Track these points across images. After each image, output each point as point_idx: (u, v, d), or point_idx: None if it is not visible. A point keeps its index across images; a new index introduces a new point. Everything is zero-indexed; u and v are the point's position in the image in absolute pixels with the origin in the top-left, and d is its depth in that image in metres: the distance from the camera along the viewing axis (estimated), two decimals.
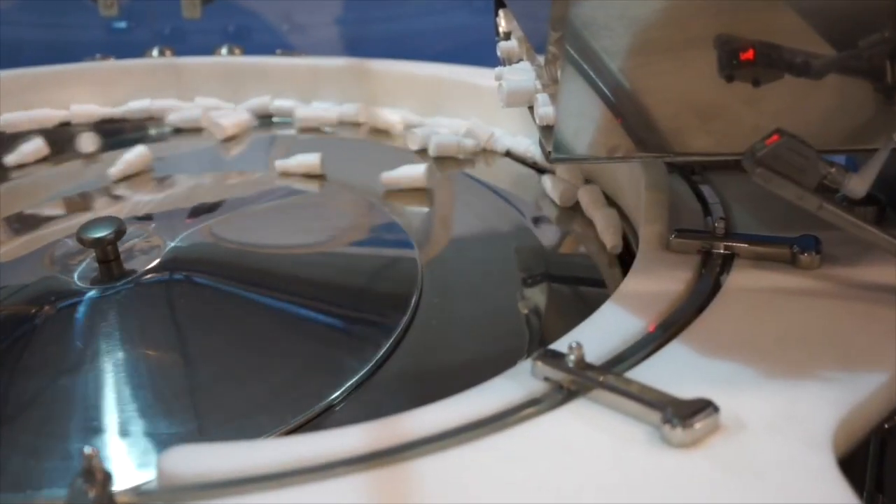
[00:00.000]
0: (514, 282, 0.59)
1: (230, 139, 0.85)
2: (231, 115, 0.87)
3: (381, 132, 0.86)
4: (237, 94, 0.93)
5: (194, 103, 0.92)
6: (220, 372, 0.50)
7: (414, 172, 0.71)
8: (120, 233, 0.56)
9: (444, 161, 0.77)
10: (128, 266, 0.57)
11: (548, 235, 0.64)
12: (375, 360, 0.50)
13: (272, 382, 0.49)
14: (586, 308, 0.52)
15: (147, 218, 0.68)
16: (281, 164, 0.75)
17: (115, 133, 0.89)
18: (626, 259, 0.58)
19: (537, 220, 0.66)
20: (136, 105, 0.92)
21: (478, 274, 0.61)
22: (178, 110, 0.90)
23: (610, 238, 0.59)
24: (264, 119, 0.91)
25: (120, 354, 0.51)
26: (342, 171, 0.77)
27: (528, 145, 0.75)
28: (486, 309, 0.56)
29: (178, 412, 0.47)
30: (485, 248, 0.64)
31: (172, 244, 0.59)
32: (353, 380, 0.49)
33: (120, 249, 0.57)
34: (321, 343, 0.53)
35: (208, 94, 0.93)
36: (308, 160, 0.75)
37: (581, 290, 0.59)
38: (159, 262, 0.57)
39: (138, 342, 0.52)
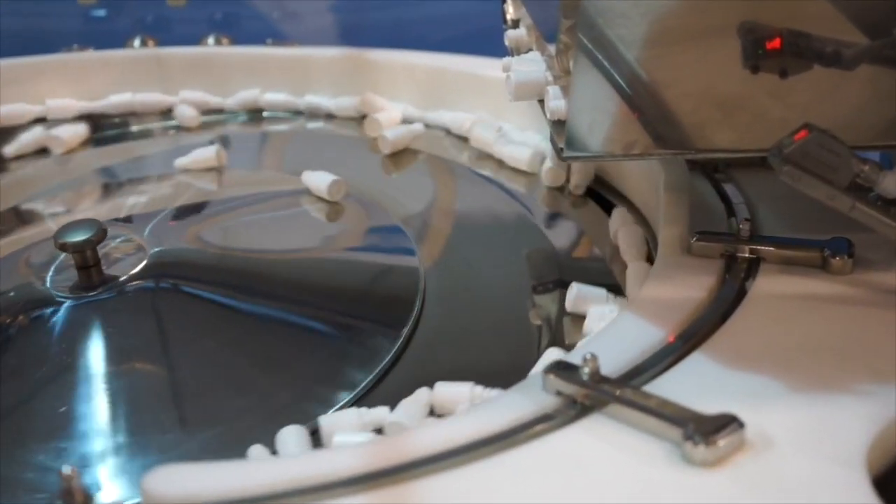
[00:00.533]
0: (524, 288, 0.59)
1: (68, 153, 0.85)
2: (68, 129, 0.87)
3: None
4: (224, 87, 0.93)
5: (179, 96, 0.92)
6: (208, 386, 0.50)
7: (205, 154, 0.77)
8: (100, 236, 0.56)
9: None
10: (108, 272, 0.57)
11: (559, 236, 0.64)
12: (375, 373, 0.51)
13: (265, 398, 0.49)
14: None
15: (128, 220, 0.68)
16: (180, 161, 0.78)
17: (95, 129, 0.90)
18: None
19: (547, 218, 0.66)
20: (116, 99, 0.92)
21: (484, 279, 0.61)
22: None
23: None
24: (254, 114, 0.91)
25: (101, 369, 0.51)
26: (339, 170, 0.78)
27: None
28: (493, 317, 0.56)
29: (165, 430, 0.48)
30: (491, 250, 0.64)
31: (156, 248, 0.59)
32: (352, 395, 0.49)
33: (100, 254, 0.57)
34: (317, 356, 0.53)
35: (194, 87, 0.93)
36: (205, 154, 0.78)
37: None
38: (143, 268, 0.57)
39: (121, 355, 0.52)
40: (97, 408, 0.49)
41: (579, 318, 0.54)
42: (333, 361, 0.53)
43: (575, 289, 0.54)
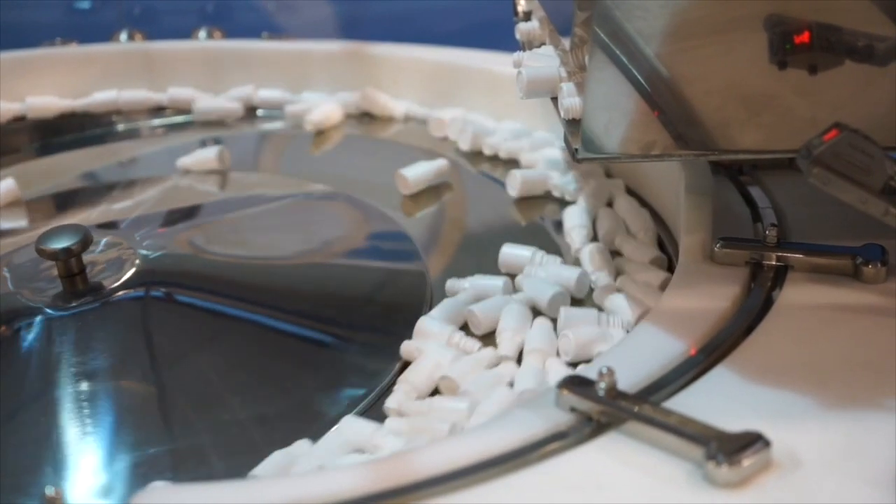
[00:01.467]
0: None
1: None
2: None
3: (382, 123, 0.86)
4: (217, 84, 0.93)
5: (167, 94, 0.93)
6: (202, 404, 0.50)
7: (206, 155, 0.78)
8: (85, 243, 0.56)
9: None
10: (94, 281, 0.57)
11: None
12: (379, 388, 0.51)
13: (261, 414, 0.50)
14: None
15: (114, 225, 0.69)
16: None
17: (77, 129, 0.90)
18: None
19: (558, 223, 0.66)
20: (101, 97, 0.92)
21: None
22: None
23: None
24: (248, 111, 0.91)
25: (86, 384, 0.52)
26: (338, 171, 0.78)
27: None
28: None
29: (155, 448, 0.48)
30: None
31: (145, 255, 0.59)
32: (354, 411, 0.49)
33: (85, 262, 0.57)
34: (318, 370, 0.53)
35: (184, 84, 0.94)
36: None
37: None
38: (131, 277, 0.58)
39: (108, 371, 0.53)
40: (82, 425, 0.50)
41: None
42: (335, 375, 0.53)
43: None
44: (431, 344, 0.52)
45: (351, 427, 0.46)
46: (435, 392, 0.50)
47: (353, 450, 0.46)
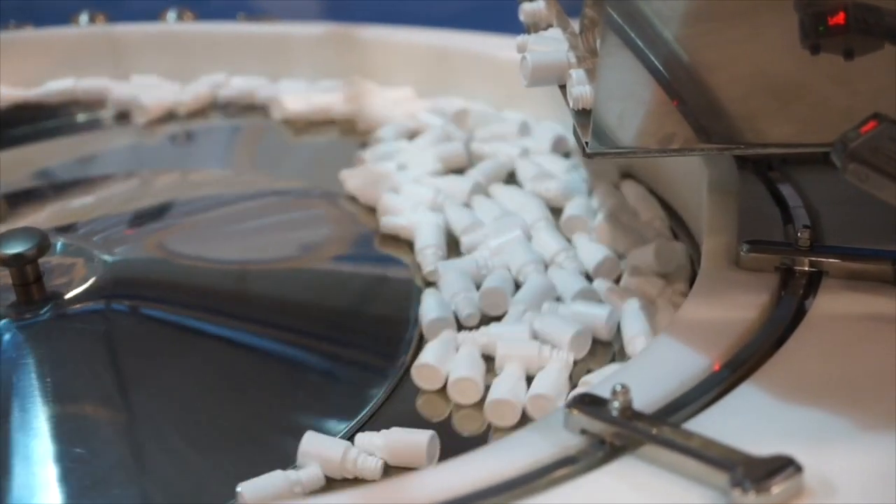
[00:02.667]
0: None
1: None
2: None
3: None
4: (186, 71, 0.93)
5: (131, 83, 0.93)
6: (172, 429, 0.50)
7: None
8: (42, 248, 0.56)
9: None
10: (52, 289, 0.57)
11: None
12: (367, 409, 0.51)
13: (238, 438, 0.50)
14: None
15: (74, 228, 0.69)
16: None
17: (30, 121, 0.90)
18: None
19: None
20: (55, 86, 0.92)
21: None
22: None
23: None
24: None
25: (41, 408, 0.51)
26: (319, 166, 0.78)
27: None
28: None
29: (118, 481, 0.48)
30: None
31: (108, 261, 0.59)
32: (342, 433, 0.49)
33: (42, 269, 0.57)
34: (300, 390, 0.53)
35: (150, 71, 0.94)
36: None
37: None
38: (93, 285, 0.58)
39: (66, 391, 0.52)
40: (36, 456, 0.49)
41: (607, 343, 0.54)
42: (319, 395, 0.53)
43: None
44: None
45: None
46: None
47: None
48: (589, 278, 0.59)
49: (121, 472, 0.49)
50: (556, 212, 0.67)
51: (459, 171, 0.73)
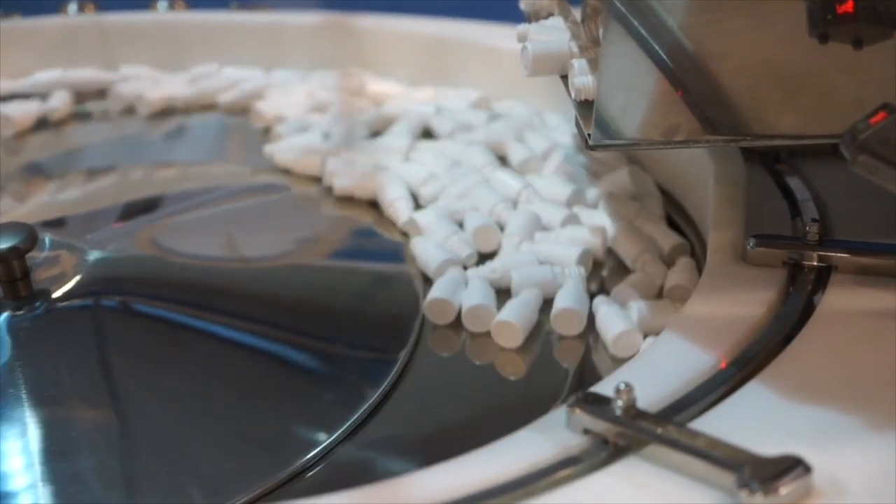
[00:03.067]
0: (547, 303, 0.60)
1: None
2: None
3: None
4: (179, 61, 0.93)
5: (119, 73, 0.93)
6: (163, 430, 0.50)
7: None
8: (30, 242, 0.56)
9: None
10: (39, 286, 0.57)
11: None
12: (364, 408, 0.51)
13: (232, 439, 0.50)
14: None
15: (62, 222, 0.69)
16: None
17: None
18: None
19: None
20: (44, 77, 0.92)
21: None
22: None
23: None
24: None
25: (28, 409, 0.51)
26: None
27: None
28: None
29: (109, 482, 0.48)
30: None
31: (98, 256, 0.59)
32: (336, 434, 0.49)
33: (29, 264, 0.57)
34: (294, 390, 0.53)
35: (140, 62, 0.94)
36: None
37: None
38: (80, 281, 0.58)
39: (54, 391, 0.52)
40: (23, 458, 0.49)
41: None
42: (314, 396, 0.53)
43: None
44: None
45: None
46: None
47: None
48: None
49: (108, 471, 0.48)
50: None
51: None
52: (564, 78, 0.51)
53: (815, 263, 0.49)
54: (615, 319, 0.55)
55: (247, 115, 0.87)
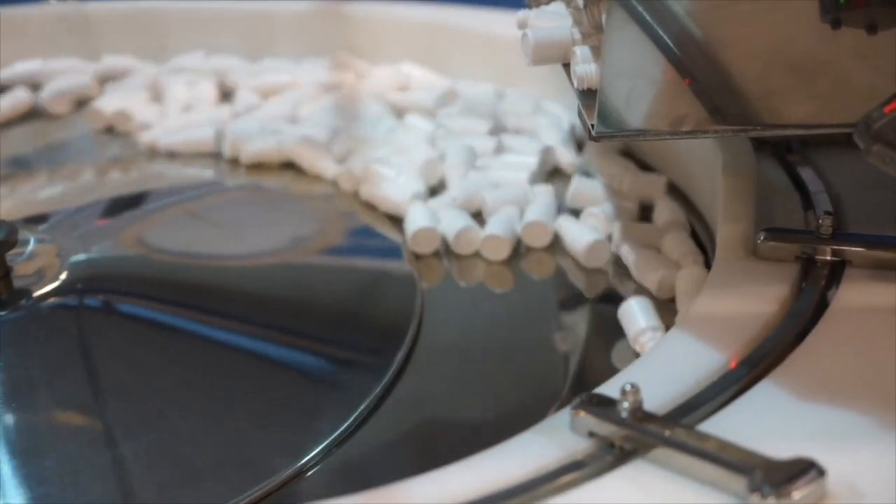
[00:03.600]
0: (547, 303, 0.60)
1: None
2: None
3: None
4: (162, 49, 0.93)
5: (101, 63, 0.93)
6: (149, 435, 0.50)
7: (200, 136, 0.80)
8: (10, 240, 0.56)
9: None
10: (19, 285, 0.57)
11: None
12: (360, 411, 0.51)
13: (223, 442, 0.50)
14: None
15: (43, 219, 0.69)
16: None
17: None
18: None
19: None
20: (23, 68, 0.92)
21: (495, 293, 0.61)
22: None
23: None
24: None
25: (9, 415, 0.51)
26: None
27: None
28: (507, 340, 0.57)
29: (95, 490, 0.48)
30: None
31: (81, 254, 0.59)
32: (331, 438, 0.49)
33: (9, 263, 0.57)
34: (288, 390, 0.53)
35: (123, 51, 0.94)
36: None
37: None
38: (64, 280, 0.58)
39: (34, 394, 0.52)
40: (2, 461, 0.49)
41: (616, 340, 0.54)
42: (306, 399, 0.53)
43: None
44: None
45: None
46: None
47: None
48: None
49: (94, 473, 0.48)
50: None
51: None
52: (567, 66, 0.51)
53: (829, 258, 0.49)
54: (583, 231, 0.62)
55: None
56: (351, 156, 0.75)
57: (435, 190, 0.71)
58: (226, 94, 0.88)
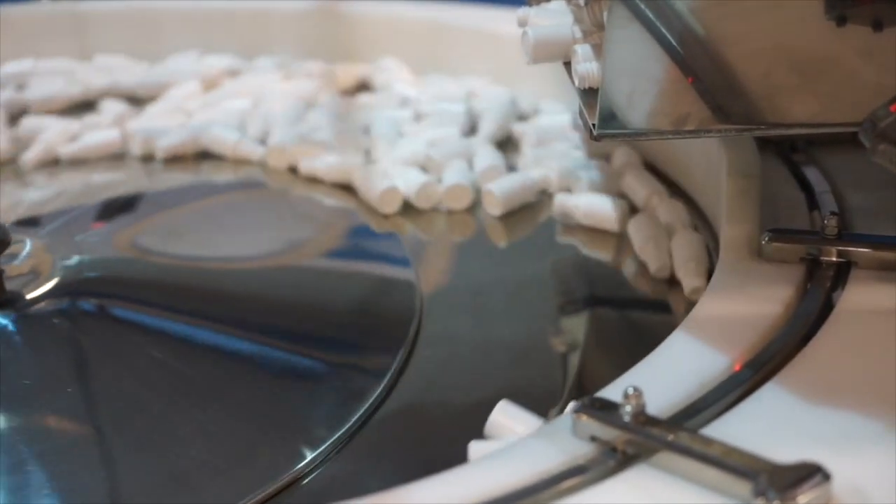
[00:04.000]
0: (547, 304, 0.60)
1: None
2: None
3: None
4: (156, 50, 0.94)
5: (93, 63, 0.93)
6: (144, 442, 0.50)
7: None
8: (2, 243, 0.56)
9: None
10: (11, 289, 0.57)
11: (591, 240, 0.64)
12: (358, 416, 0.51)
13: (219, 446, 0.50)
14: (646, 340, 0.53)
15: (35, 221, 0.69)
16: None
17: None
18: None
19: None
20: (13, 69, 0.92)
21: (497, 296, 0.61)
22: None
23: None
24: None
25: (0, 419, 0.51)
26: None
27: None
28: (507, 342, 0.57)
29: (88, 494, 0.48)
30: (507, 258, 0.65)
31: (74, 257, 0.60)
32: (328, 443, 0.49)
33: (1, 266, 0.57)
34: (284, 395, 0.54)
35: (116, 50, 0.94)
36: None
37: (638, 314, 0.60)
38: (57, 284, 0.58)
39: (26, 402, 0.53)
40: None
41: (618, 343, 0.54)
42: (304, 403, 0.53)
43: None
44: None
45: None
46: None
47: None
48: None
49: (86, 478, 0.48)
50: None
51: None
52: (568, 64, 0.51)
53: (834, 259, 0.49)
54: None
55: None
56: (269, 136, 0.79)
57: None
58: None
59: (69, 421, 0.52)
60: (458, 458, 0.40)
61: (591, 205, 0.66)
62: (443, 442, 0.50)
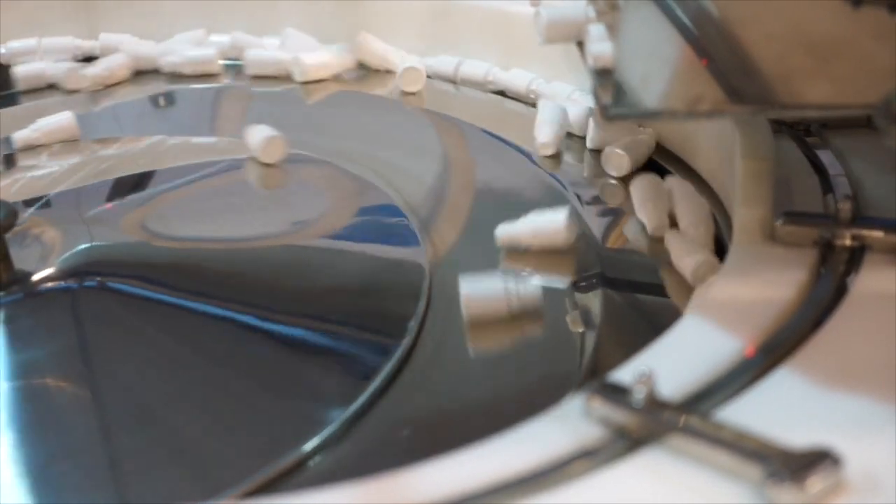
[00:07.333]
0: (559, 286, 0.60)
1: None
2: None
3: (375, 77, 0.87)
4: (163, 28, 0.94)
5: (98, 40, 0.93)
6: (150, 419, 0.51)
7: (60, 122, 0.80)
8: (8, 221, 0.56)
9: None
10: (19, 267, 0.57)
11: (601, 217, 0.65)
12: (366, 396, 0.51)
13: (224, 428, 0.50)
14: (658, 323, 0.54)
15: (43, 201, 0.69)
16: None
17: None
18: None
19: (587, 198, 0.66)
20: (16, 45, 0.92)
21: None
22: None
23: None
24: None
25: (8, 399, 0.52)
26: (317, 132, 0.78)
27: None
28: (520, 325, 0.57)
29: (94, 474, 0.48)
30: None
31: (82, 236, 0.60)
32: (336, 423, 0.50)
33: (8, 245, 0.57)
34: (291, 373, 0.54)
35: (121, 29, 0.94)
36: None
37: (650, 297, 0.60)
38: (65, 263, 0.58)
39: (34, 378, 0.53)
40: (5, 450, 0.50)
41: (629, 325, 0.55)
42: (311, 382, 0.53)
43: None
44: None
45: None
46: None
47: None
48: None
49: (93, 457, 0.49)
50: None
51: None
52: (581, 45, 0.51)
53: (848, 243, 0.49)
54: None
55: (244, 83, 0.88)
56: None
57: None
58: None
59: (75, 399, 0.52)
60: (467, 438, 0.40)
61: None
62: (453, 422, 0.51)
